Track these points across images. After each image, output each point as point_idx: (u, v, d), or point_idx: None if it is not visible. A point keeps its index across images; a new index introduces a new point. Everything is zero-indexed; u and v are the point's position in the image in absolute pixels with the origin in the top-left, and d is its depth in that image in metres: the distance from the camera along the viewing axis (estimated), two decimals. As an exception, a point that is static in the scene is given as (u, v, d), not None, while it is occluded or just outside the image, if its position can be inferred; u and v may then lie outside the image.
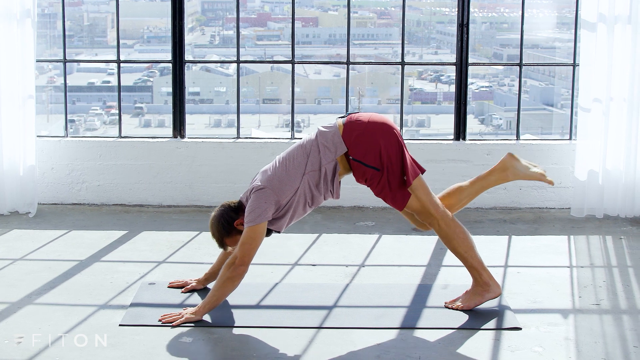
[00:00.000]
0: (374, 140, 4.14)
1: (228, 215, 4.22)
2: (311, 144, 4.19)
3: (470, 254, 4.29)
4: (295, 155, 4.20)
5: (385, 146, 4.15)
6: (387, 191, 4.19)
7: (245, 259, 4.10)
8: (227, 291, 4.15)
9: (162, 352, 3.82)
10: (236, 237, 4.23)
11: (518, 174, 4.41)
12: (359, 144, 4.14)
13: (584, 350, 3.89)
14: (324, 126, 4.23)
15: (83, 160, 6.45)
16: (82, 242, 5.50)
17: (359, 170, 4.17)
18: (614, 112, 6.14)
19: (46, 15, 15.51)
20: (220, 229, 4.23)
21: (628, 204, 6.20)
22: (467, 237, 4.30)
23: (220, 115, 19.38)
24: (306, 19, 22.71)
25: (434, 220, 4.27)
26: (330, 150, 4.15)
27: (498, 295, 4.34)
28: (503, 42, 20.46)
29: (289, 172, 4.16)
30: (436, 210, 4.26)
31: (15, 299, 4.45)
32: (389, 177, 4.16)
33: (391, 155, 4.16)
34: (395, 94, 18.46)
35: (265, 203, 4.10)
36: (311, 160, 4.16)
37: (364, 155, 4.14)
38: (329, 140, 4.16)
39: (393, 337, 4.02)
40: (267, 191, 4.12)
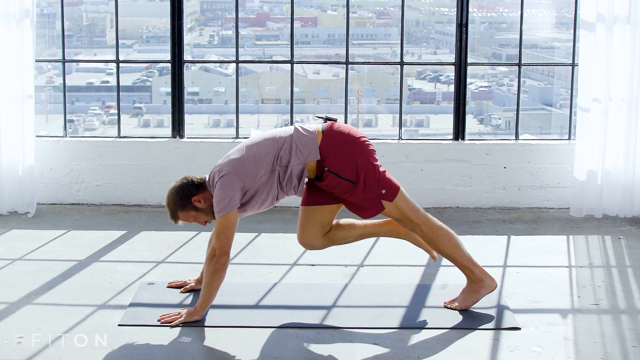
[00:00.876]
0: (353, 155, 4.13)
1: (188, 189, 4.19)
2: (284, 141, 4.15)
3: (458, 254, 4.29)
4: (265, 146, 4.14)
5: (363, 162, 4.14)
6: (358, 203, 4.18)
7: (224, 249, 4.09)
8: (216, 284, 4.14)
9: (161, 352, 3.83)
10: (190, 213, 4.20)
11: (410, 236, 4.43)
12: (337, 156, 4.12)
13: (582, 350, 3.89)
14: (302, 127, 4.18)
15: (82, 160, 6.45)
16: (81, 242, 5.50)
17: (331, 180, 4.14)
18: (613, 112, 6.14)
19: (45, 15, 15.51)
20: (177, 201, 4.18)
21: (627, 203, 6.20)
22: (452, 237, 4.29)
23: (219, 115, 19.37)
24: (305, 19, 22.70)
25: (416, 226, 4.27)
26: (303, 154, 4.12)
27: (494, 289, 4.33)
28: (502, 42, 20.47)
29: (256, 160, 4.11)
30: (417, 216, 4.26)
31: (15, 299, 4.45)
32: (363, 191, 4.14)
33: (369, 172, 4.15)
34: (394, 94, 18.45)
35: (231, 190, 4.06)
36: (281, 156, 4.12)
37: (341, 168, 4.12)
38: (304, 144, 4.13)
39: (392, 337, 4.02)
40: (232, 177, 4.08)
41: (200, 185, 4.21)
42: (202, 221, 4.26)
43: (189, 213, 4.22)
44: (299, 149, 4.12)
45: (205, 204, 4.20)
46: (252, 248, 5.40)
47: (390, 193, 4.20)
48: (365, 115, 19.68)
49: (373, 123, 19.57)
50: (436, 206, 6.46)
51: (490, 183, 6.46)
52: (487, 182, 6.46)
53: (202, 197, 4.19)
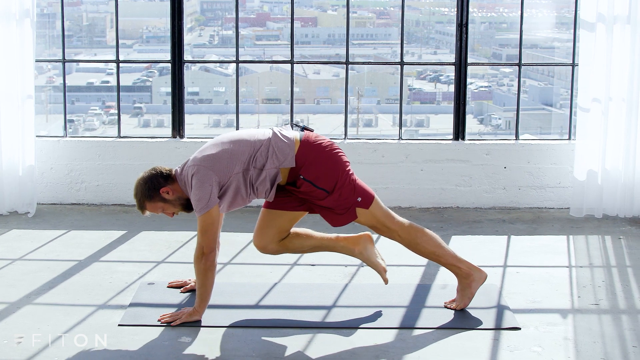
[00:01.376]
0: (329, 166, 4.14)
1: (157, 180, 4.16)
2: (261, 143, 4.13)
3: (440, 252, 4.29)
4: (241, 144, 4.12)
5: (339, 173, 4.15)
6: (331, 210, 4.19)
7: (211, 245, 4.08)
8: (210, 282, 4.13)
9: (161, 352, 3.83)
10: (158, 204, 4.18)
11: (364, 254, 4.40)
12: (313, 166, 4.13)
13: (583, 350, 3.89)
14: (281, 133, 4.18)
15: (82, 160, 6.45)
16: (81, 242, 5.50)
17: (306, 188, 4.14)
18: (613, 112, 6.14)
19: (45, 15, 15.52)
20: (145, 191, 4.16)
21: (627, 203, 6.20)
22: (431, 237, 4.29)
23: (219, 115, 19.38)
24: (305, 19, 22.71)
25: (393, 232, 4.28)
26: (279, 159, 4.11)
27: (485, 279, 4.32)
28: (502, 42, 20.48)
29: (231, 157, 4.09)
30: (392, 222, 4.27)
31: (15, 299, 4.45)
32: (337, 199, 4.16)
33: (345, 183, 4.16)
34: (395, 94, 18.46)
35: (209, 186, 4.04)
36: (257, 157, 4.11)
37: (316, 178, 4.13)
38: (281, 150, 4.12)
39: (392, 337, 4.02)
40: (207, 172, 4.05)
41: (168, 176, 4.18)
42: (169, 213, 4.24)
43: (156, 204, 4.19)
44: (276, 153, 4.12)
45: (173, 195, 4.18)
46: (252, 248, 5.39)
47: (366, 201, 4.21)
48: (365, 115, 19.69)
49: (373, 123, 19.58)
50: (436, 206, 6.46)
51: (491, 183, 6.46)
52: (487, 182, 6.46)
53: (171, 189, 4.17)
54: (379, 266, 4.40)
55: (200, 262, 4.09)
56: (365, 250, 4.38)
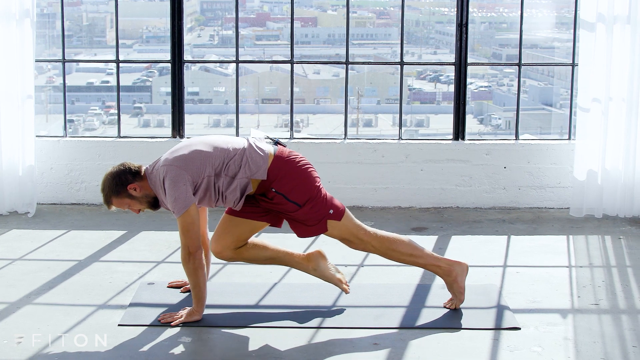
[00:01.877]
0: (301, 182, 4.16)
1: (124, 176, 4.16)
2: (236, 152, 4.14)
3: (416, 254, 4.30)
4: (215, 149, 4.13)
5: (311, 188, 4.18)
6: (301, 221, 4.21)
7: (195, 244, 4.07)
8: (202, 280, 4.12)
9: (161, 352, 3.83)
10: (124, 200, 4.19)
11: (317, 271, 4.41)
12: (286, 180, 4.15)
13: (582, 350, 3.89)
14: (256, 145, 4.20)
15: (82, 160, 6.45)
16: (81, 242, 5.50)
17: (278, 200, 4.16)
18: (613, 112, 6.14)
19: (45, 15, 15.52)
20: (113, 186, 4.16)
21: (627, 203, 6.20)
22: (403, 242, 4.31)
23: (219, 115, 19.38)
24: (305, 19, 22.71)
25: (366, 244, 4.29)
26: (251, 170, 4.13)
27: (467, 269, 4.33)
28: (502, 42, 20.48)
29: (203, 160, 4.09)
30: (365, 234, 4.28)
31: (15, 299, 4.45)
32: (308, 213, 4.18)
33: (317, 198, 4.18)
34: (394, 94, 18.45)
35: (183, 185, 4.04)
36: (230, 165, 4.12)
37: (288, 191, 4.15)
38: (255, 162, 4.14)
39: (392, 337, 4.02)
40: (180, 171, 4.05)
41: (137, 173, 4.18)
42: (135, 209, 4.24)
43: (123, 200, 4.20)
44: (249, 164, 4.13)
45: (140, 192, 4.18)
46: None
47: (338, 213, 4.24)
48: (365, 115, 19.69)
49: (373, 123, 19.59)
50: (436, 206, 6.46)
51: (491, 183, 6.46)
52: (487, 182, 6.46)
53: (138, 186, 4.17)
54: (334, 279, 4.42)
55: (188, 262, 4.08)
56: (318, 266, 4.40)
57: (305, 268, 4.41)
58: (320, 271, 4.40)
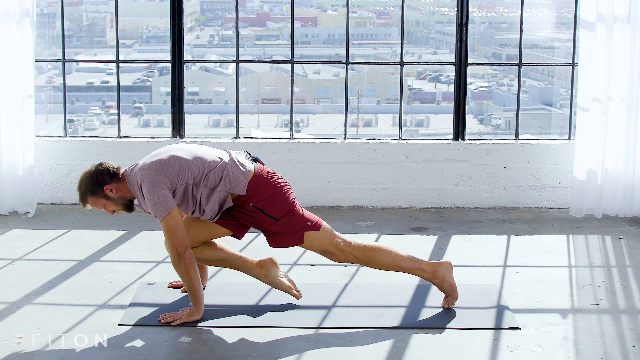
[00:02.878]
0: (279, 198, 4.18)
1: (102, 177, 4.15)
2: (216, 164, 4.15)
3: (398, 260, 4.30)
4: (195, 159, 4.14)
5: (288, 206, 4.19)
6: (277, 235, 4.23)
7: (182, 245, 4.06)
8: (196, 279, 4.11)
9: (161, 352, 3.83)
10: (100, 200, 4.18)
11: (268, 277, 4.41)
12: (265, 197, 4.17)
13: (582, 350, 3.89)
14: (238, 160, 4.21)
15: (82, 160, 6.45)
16: (81, 242, 5.50)
17: (256, 215, 4.19)
18: (613, 111, 6.14)
19: (45, 15, 15.53)
20: (89, 186, 4.16)
21: (627, 203, 6.20)
22: (383, 249, 4.31)
23: (219, 115, 19.40)
24: (305, 18, 22.73)
25: (347, 254, 4.28)
26: (231, 184, 4.14)
27: (451, 267, 4.32)
28: (502, 41, 20.49)
29: (182, 168, 4.10)
30: (346, 245, 4.28)
31: (15, 299, 4.45)
32: (285, 225, 4.19)
33: (294, 213, 4.20)
34: (394, 94, 18.47)
35: (162, 189, 4.03)
36: (209, 176, 4.12)
37: (266, 206, 4.17)
38: (236, 177, 4.15)
39: (392, 337, 4.02)
40: (158, 175, 4.05)
41: (115, 174, 4.18)
42: (110, 210, 4.24)
43: (98, 200, 4.19)
44: (229, 177, 4.14)
45: (116, 193, 4.17)
46: (252, 248, 5.39)
47: (315, 225, 4.25)
48: (365, 115, 19.71)
49: (373, 123, 19.60)
50: (436, 206, 6.46)
51: (491, 183, 6.46)
52: (487, 182, 6.46)
53: (115, 187, 4.16)
54: (284, 285, 4.42)
55: (179, 264, 4.08)
56: (269, 273, 4.41)
57: (257, 274, 4.42)
58: (271, 278, 4.41)
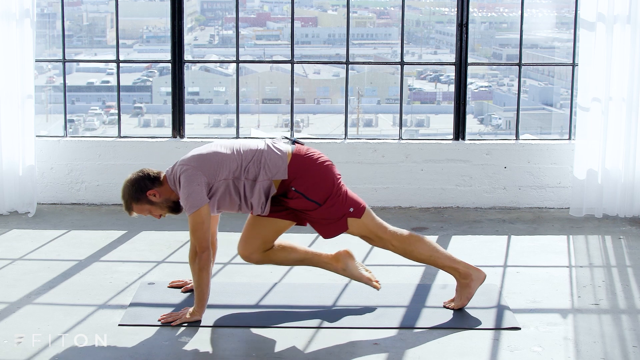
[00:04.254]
0: (320, 177, 4.16)
1: (143, 183, 4.17)
2: (253, 154, 4.16)
3: (435, 256, 4.29)
4: (232, 153, 4.14)
5: (330, 185, 4.17)
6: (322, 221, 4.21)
7: (203, 245, 4.08)
8: (207, 281, 4.13)
9: (161, 352, 3.83)
10: (145, 206, 4.19)
11: (346, 271, 4.41)
12: (305, 178, 4.15)
13: (583, 350, 3.89)
14: (274, 145, 4.20)
15: (82, 160, 6.45)
16: (82, 242, 5.50)
17: (297, 200, 4.17)
18: (613, 111, 6.14)
19: (45, 15, 15.53)
20: (132, 193, 4.17)
21: (627, 203, 6.20)
22: (424, 242, 4.30)
23: (219, 115, 19.40)
24: (305, 18, 22.73)
25: (386, 242, 4.28)
26: (271, 171, 4.13)
27: (484, 279, 4.32)
28: (502, 41, 20.49)
29: (220, 163, 4.11)
30: (384, 232, 4.27)
31: (15, 298, 4.45)
32: (328, 211, 4.17)
33: (335, 194, 4.18)
34: (395, 94, 18.46)
35: (198, 185, 4.06)
36: (249, 168, 4.12)
37: (307, 189, 4.15)
38: (273, 162, 4.14)
39: (392, 337, 4.02)
40: (196, 171, 4.07)
41: (156, 179, 4.19)
42: (156, 214, 4.25)
43: (143, 206, 4.21)
44: (268, 165, 4.13)
45: (160, 197, 4.19)
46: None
47: (358, 211, 4.23)
48: (365, 115, 19.70)
49: (373, 123, 19.60)
50: (436, 206, 6.46)
51: (491, 183, 6.46)
52: (487, 182, 6.46)
53: (157, 191, 4.18)
54: (363, 277, 4.42)
55: (194, 262, 4.10)
56: (347, 266, 4.40)
57: (334, 268, 4.42)
58: (350, 271, 4.39)
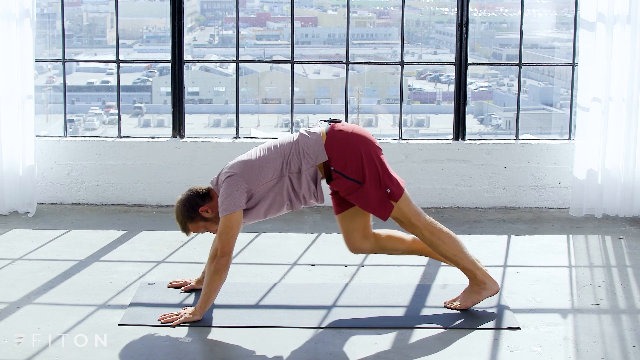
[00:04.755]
0: (356, 153, 4.13)
1: (194, 201, 4.19)
2: (290, 147, 4.16)
3: (460, 256, 4.28)
4: (274, 154, 4.16)
5: (367, 160, 4.14)
6: (369, 203, 4.17)
7: (225, 249, 4.08)
8: (216, 285, 4.13)
9: (161, 352, 3.83)
10: (200, 223, 4.21)
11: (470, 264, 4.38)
12: (341, 155, 4.13)
13: (583, 350, 3.89)
14: (307, 131, 4.20)
15: (82, 160, 6.45)
16: (81, 242, 5.50)
17: (339, 182, 4.15)
18: (613, 111, 6.14)
19: (45, 15, 15.51)
20: (185, 213, 4.19)
21: (627, 203, 6.20)
22: (454, 240, 4.28)
23: (219, 115, 19.38)
24: (305, 18, 22.71)
25: (417, 229, 4.26)
26: (311, 157, 4.13)
27: (496, 292, 4.33)
28: (502, 41, 20.47)
29: (262, 165, 4.12)
30: (418, 219, 4.25)
31: (15, 298, 4.45)
32: (370, 190, 4.14)
33: (373, 169, 4.14)
34: (395, 94, 18.45)
35: (237, 191, 4.07)
36: (290, 161, 4.13)
37: (345, 168, 4.13)
38: (310, 147, 4.14)
39: (392, 337, 4.02)
40: (238, 178, 4.09)
41: (206, 195, 4.21)
42: (213, 230, 4.26)
43: (198, 224, 4.22)
44: (306, 152, 4.13)
45: (212, 213, 4.20)
46: (252, 248, 5.40)
47: (395, 193, 4.19)
48: (365, 115, 19.69)
49: (373, 123, 19.58)
50: (436, 206, 6.46)
51: (491, 183, 6.46)
52: (487, 182, 6.46)
53: (209, 207, 4.19)
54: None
55: (212, 262, 4.13)
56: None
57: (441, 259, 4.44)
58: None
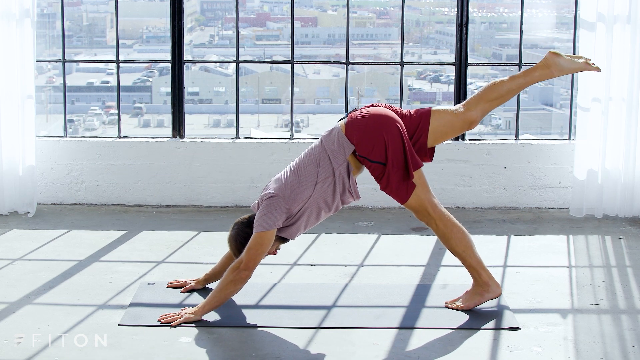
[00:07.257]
0: (377, 134, 4.12)
1: (244, 232, 4.22)
2: (319, 151, 4.17)
3: (468, 254, 4.29)
4: (306, 164, 4.18)
5: (389, 140, 4.13)
6: (392, 184, 4.17)
7: (249, 264, 4.10)
8: (228, 294, 4.15)
9: (161, 352, 3.83)
10: None
11: (562, 69, 4.30)
12: (363, 140, 4.13)
13: (582, 350, 3.89)
14: (327, 131, 4.23)
15: (82, 160, 6.45)
16: (81, 242, 5.50)
17: (368, 166, 4.17)
18: (613, 111, 6.14)
19: (45, 15, 15.52)
20: (240, 247, 4.22)
21: (627, 203, 6.20)
22: (465, 237, 4.29)
23: (219, 115, 19.39)
24: (305, 19, 22.72)
25: (431, 219, 4.26)
26: (340, 152, 4.14)
27: (498, 296, 4.34)
28: (502, 42, 20.48)
29: (300, 181, 4.14)
30: (434, 209, 4.25)
31: (15, 299, 4.45)
32: (392, 171, 4.14)
33: (395, 149, 4.14)
34: (395, 94, 18.45)
35: (275, 210, 4.09)
36: (322, 167, 4.14)
37: (370, 152, 4.13)
38: (335, 142, 4.15)
39: (392, 337, 4.02)
40: (279, 199, 4.11)
41: (250, 223, 4.23)
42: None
43: None
44: (333, 150, 4.14)
45: None
46: (252, 248, 5.39)
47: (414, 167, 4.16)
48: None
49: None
50: (436, 206, 6.46)
51: (491, 183, 6.46)
52: (487, 182, 6.46)
53: None
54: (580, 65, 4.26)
55: (232, 272, 4.12)
56: (559, 65, 4.27)
57: (550, 75, 4.30)
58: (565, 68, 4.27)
